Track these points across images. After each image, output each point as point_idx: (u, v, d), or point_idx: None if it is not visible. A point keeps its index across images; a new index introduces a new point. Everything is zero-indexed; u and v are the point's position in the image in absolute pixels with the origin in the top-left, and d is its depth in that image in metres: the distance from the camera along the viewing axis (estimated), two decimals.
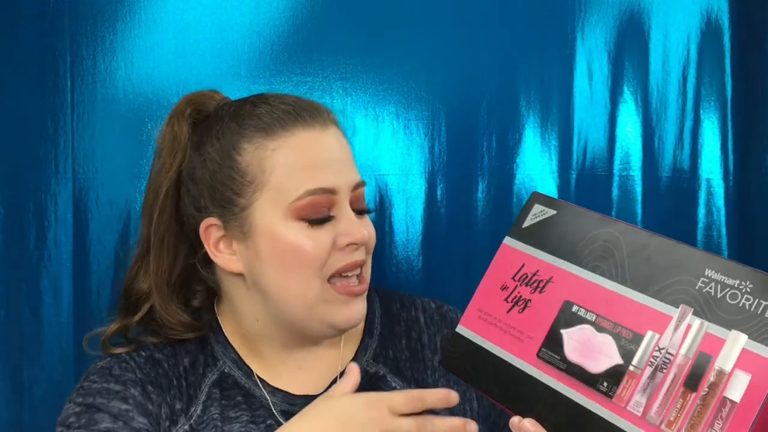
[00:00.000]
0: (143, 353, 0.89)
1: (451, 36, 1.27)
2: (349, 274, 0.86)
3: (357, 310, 0.87)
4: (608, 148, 1.32)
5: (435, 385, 0.94)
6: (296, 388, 0.90)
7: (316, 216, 0.83)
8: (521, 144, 1.30)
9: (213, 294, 0.95)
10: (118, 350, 0.89)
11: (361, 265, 0.86)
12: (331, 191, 0.84)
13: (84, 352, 0.96)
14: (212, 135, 0.87)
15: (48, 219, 1.18)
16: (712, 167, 1.34)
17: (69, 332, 1.18)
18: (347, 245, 0.84)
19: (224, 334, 0.92)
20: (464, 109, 1.29)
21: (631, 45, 1.30)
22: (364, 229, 0.85)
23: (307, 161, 0.84)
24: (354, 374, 0.77)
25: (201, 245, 0.89)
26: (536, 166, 1.30)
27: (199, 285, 0.94)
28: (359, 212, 0.88)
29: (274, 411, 0.88)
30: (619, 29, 1.30)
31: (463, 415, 0.92)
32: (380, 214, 1.27)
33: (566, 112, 1.30)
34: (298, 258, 0.83)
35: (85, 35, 1.18)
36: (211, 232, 0.88)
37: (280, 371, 0.91)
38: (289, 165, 0.84)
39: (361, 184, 0.88)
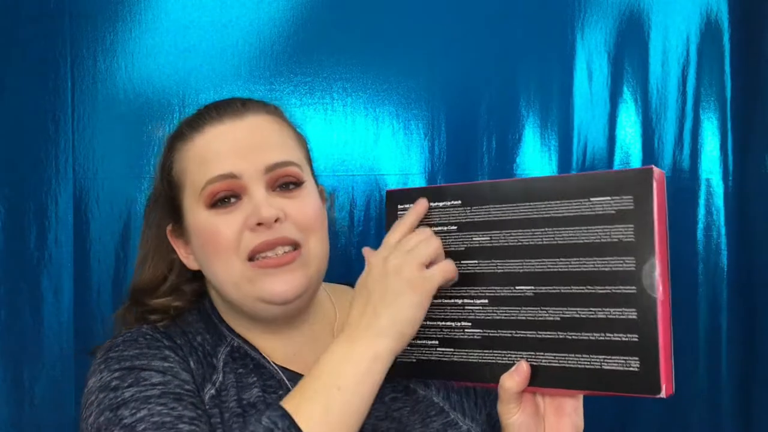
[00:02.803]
0: (160, 330, 0.90)
1: (451, 36, 1.27)
2: (269, 254, 0.86)
3: (286, 279, 0.86)
4: (608, 148, 1.32)
5: None
6: (299, 368, 0.91)
7: (221, 202, 0.87)
8: (521, 144, 1.30)
9: (199, 294, 0.97)
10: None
11: (281, 243, 0.86)
12: (231, 176, 0.86)
13: (84, 352, 0.95)
14: (161, 154, 0.95)
15: (48, 219, 1.18)
16: (711, 167, 1.34)
17: (69, 332, 1.18)
18: (257, 225, 0.85)
19: (226, 323, 0.93)
20: (464, 109, 1.29)
21: (630, 45, 1.30)
22: (272, 208, 0.85)
23: (210, 153, 0.88)
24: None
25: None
26: (536, 166, 1.30)
27: (187, 286, 0.96)
28: (286, 188, 0.88)
29: (283, 384, 0.88)
30: (618, 30, 1.30)
31: (461, 407, 0.92)
32: (380, 214, 1.27)
33: (566, 112, 1.30)
34: (213, 243, 0.87)
35: (85, 35, 1.18)
36: (173, 237, 0.93)
37: (279, 354, 0.92)
38: (195, 160, 0.89)
39: (279, 165, 0.87)
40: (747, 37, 1.32)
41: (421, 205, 0.83)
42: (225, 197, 0.86)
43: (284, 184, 0.88)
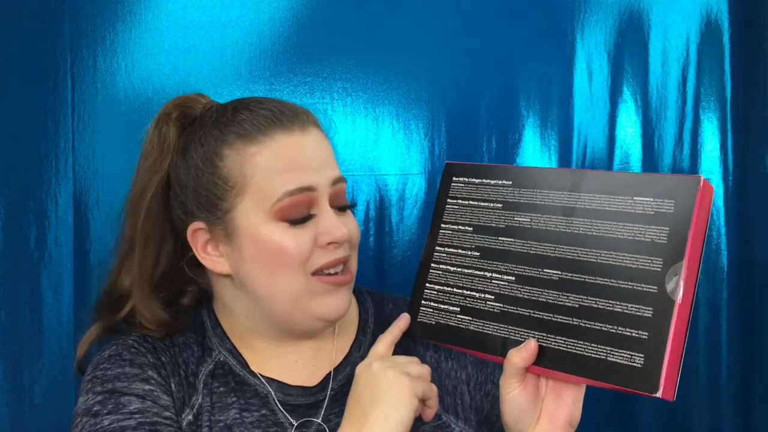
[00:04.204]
0: (148, 340, 0.90)
1: (451, 36, 1.27)
2: (332, 271, 0.88)
3: (342, 298, 0.88)
4: (608, 148, 1.32)
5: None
6: (291, 380, 0.91)
7: (297, 216, 0.86)
8: (521, 144, 1.30)
9: (203, 293, 0.96)
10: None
11: (343, 261, 0.88)
12: (309, 189, 0.86)
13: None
14: (196, 141, 0.90)
15: (48, 219, 1.18)
16: (711, 167, 1.34)
17: (69, 332, 1.18)
18: (328, 244, 0.86)
19: (222, 328, 0.93)
20: (464, 109, 1.29)
21: (630, 45, 1.31)
22: (344, 227, 0.87)
23: (286, 164, 0.86)
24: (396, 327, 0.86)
25: (189, 247, 0.91)
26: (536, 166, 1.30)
27: (190, 285, 0.95)
28: (341, 209, 0.90)
29: (269, 400, 0.89)
30: (618, 29, 1.30)
31: (454, 408, 0.92)
32: (380, 214, 1.27)
33: (566, 112, 1.30)
34: (281, 258, 0.85)
35: (85, 35, 1.18)
36: (198, 236, 0.90)
37: (276, 364, 0.92)
38: (269, 169, 0.86)
39: (340, 180, 0.90)
40: (747, 37, 1.32)
41: (404, 320, 0.87)
42: (303, 214, 0.86)
43: (342, 205, 0.90)
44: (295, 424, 0.88)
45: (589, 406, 0.79)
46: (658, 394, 0.69)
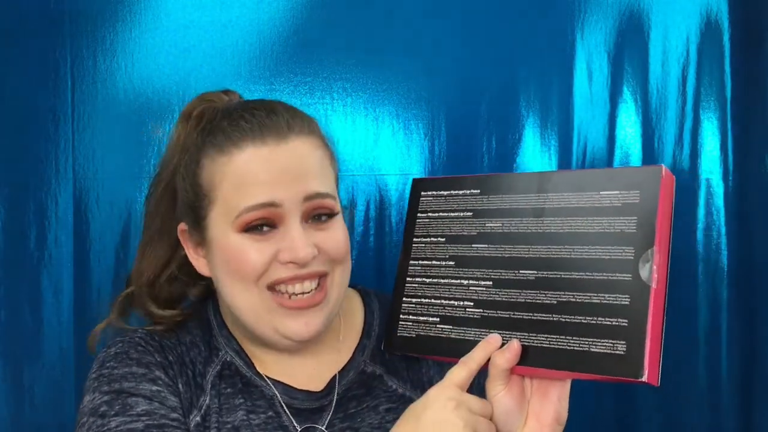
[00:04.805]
0: (155, 338, 0.90)
1: (451, 36, 1.27)
2: (297, 290, 0.85)
3: (309, 321, 0.86)
4: (608, 148, 1.32)
5: (430, 383, 0.95)
6: (297, 383, 0.91)
7: (256, 230, 0.84)
8: (521, 144, 1.30)
9: (211, 290, 0.96)
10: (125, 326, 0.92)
11: (302, 279, 0.85)
12: (272, 204, 0.83)
13: (85, 352, 0.96)
14: (189, 145, 0.90)
15: (49, 219, 1.18)
16: (711, 167, 1.34)
17: (69, 332, 1.18)
18: (287, 262, 0.84)
19: (227, 328, 0.93)
20: (464, 109, 1.29)
21: (630, 45, 1.30)
22: (309, 247, 0.84)
23: (250, 178, 0.84)
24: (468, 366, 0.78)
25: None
26: (536, 166, 1.30)
27: (203, 279, 0.95)
28: (318, 219, 0.87)
29: (274, 402, 0.88)
30: (618, 29, 1.30)
31: None
32: (380, 214, 1.27)
33: (566, 112, 1.30)
34: (237, 267, 0.85)
35: (85, 35, 1.18)
36: (186, 236, 0.91)
37: (281, 366, 0.92)
38: (234, 181, 0.85)
39: (316, 195, 0.86)
40: (747, 37, 1.32)
41: (494, 341, 0.79)
42: (264, 228, 0.84)
43: (318, 215, 0.86)
44: (299, 429, 0.88)
45: (588, 407, 0.79)
46: (644, 378, 0.70)
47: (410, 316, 0.87)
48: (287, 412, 0.88)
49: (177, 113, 1.19)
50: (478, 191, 0.85)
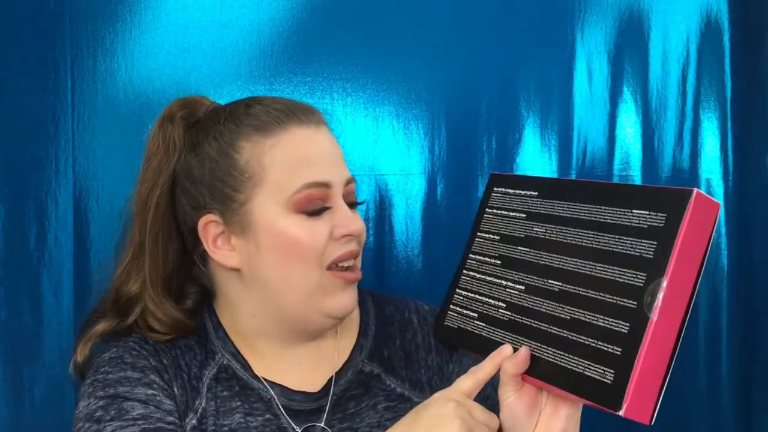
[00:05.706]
0: (149, 342, 0.89)
1: (451, 36, 1.27)
2: (345, 264, 0.89)
3: (351, 295, 0.90)
4: (608, 148, 1.32)
5: (429, 383, 0.96)
6: (294, 384, 0.91)
7: (313, 208, 0.86)
8: (521, 144, 1.30)
9: (205, 295, 0.96)
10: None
11: (355, 255, 0.90)
12: (326, 185, 0.87)
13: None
14: (209, 136, 0.90)
15: (49, 219, 1.18)
16: (711, 167, 1.34)
17: (69, 332, 1.18)
18: (342, 236, 0.87)
19: (224, 330, 0.92)
20: (464, 109, 1.29)
21: (630, 45, 1.30)
22: (360, 221, 0.89)
23: (304, 157, 0.87)
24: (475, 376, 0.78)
25: (197, 244, 0.91)
26: (536, 166, 1.30)
27: (192, 286, 0.95)
28: (351, 205, 0.91)
29: (272, 404, 0.88)
30: (618, 30, 1.30)
31: None
32: (380, 214, 1.27)
33: (566, 112, 1.30)
34: (297, 249, 0.86)
35: (85, 35, 1.18)
36: (209, 229, 0.89)
37: (279, 367, 0.92)
38: (287, 161, 0.87)
39: (351, 180, 0.92)
40: (747, 37, 1.32)
41: (506, 350, 0.80)
42: (319, 206, 0.87)
43: (353, 203, 0.91)
44: (299, 430, 0.88)
45: (589, 408, 0.79)
46: (621, 413, 0.68)
47: (457, 308, 0.88)
48: (285, 414, 0.88)
49: None
50: (536, 194, 0.84)
